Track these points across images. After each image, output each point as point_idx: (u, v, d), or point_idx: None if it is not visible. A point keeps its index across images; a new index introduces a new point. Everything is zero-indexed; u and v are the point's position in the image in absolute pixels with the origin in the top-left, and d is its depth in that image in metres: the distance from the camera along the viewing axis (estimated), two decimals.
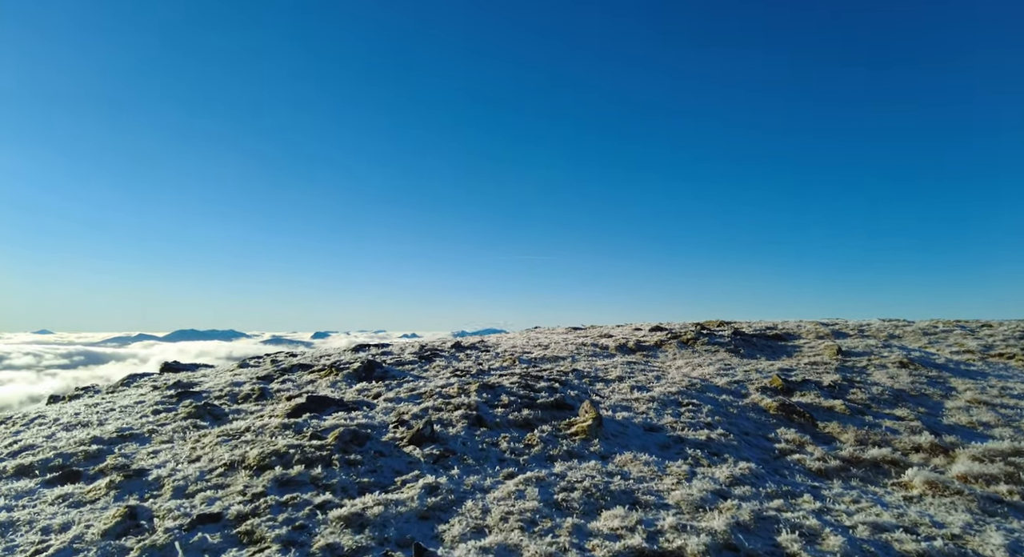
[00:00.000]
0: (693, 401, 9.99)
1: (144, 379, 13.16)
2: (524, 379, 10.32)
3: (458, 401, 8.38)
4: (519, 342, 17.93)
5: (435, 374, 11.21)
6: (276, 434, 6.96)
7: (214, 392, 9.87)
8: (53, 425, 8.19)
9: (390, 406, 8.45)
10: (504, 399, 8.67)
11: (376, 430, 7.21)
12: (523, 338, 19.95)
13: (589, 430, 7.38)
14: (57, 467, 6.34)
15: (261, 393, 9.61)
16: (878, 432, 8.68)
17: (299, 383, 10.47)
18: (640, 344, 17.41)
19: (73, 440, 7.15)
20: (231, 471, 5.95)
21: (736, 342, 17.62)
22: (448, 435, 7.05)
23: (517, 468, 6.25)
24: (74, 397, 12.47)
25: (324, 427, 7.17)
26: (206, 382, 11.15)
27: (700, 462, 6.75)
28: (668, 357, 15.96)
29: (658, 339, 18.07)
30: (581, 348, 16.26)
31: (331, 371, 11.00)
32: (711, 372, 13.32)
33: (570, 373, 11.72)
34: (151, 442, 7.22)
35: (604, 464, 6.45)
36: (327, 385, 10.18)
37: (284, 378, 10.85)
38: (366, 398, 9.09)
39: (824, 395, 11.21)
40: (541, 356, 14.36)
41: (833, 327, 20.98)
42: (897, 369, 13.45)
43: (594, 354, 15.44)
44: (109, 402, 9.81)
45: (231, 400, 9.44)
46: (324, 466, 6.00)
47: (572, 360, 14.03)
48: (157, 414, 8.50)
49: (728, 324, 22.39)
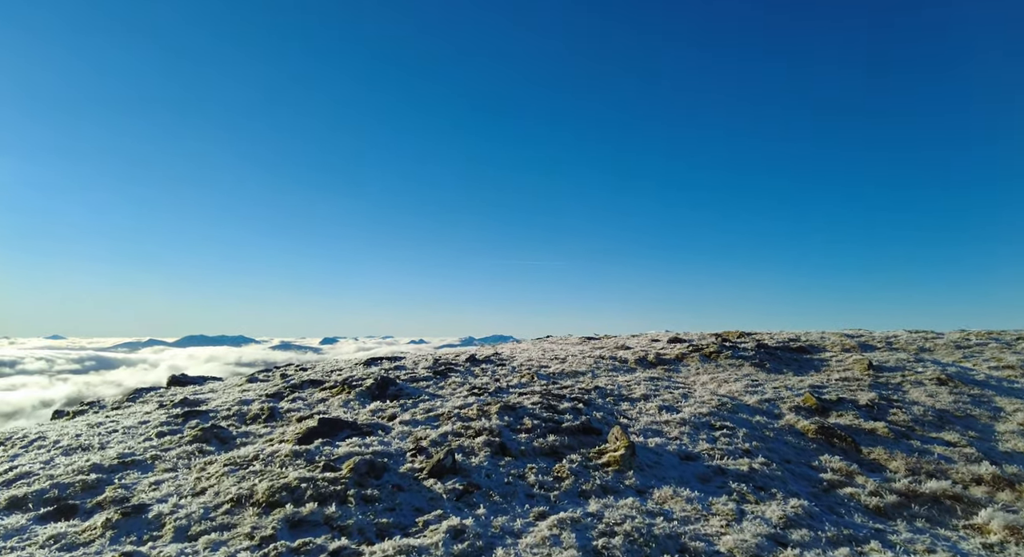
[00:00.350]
0: (726, 424, 9.41)
1: (150, 394, 12.77)
2: (545, 398, 9.78)
3: (479, 425, 7.86)
4: (534, 354, 17.40)
5: (451, 392, 10.70)
6: (286, 463, 6.48)
7: (221, 411, 9.42)
8: (52, 448, 7.76)
9: (406, 430, 7.94)
10: (527, 422, 8.14)
11: (393, 459, 6.71)
12: (537, 349, 19.40)
13: (622, 460, 6.83)
14: (52, 499, 5.89)
15: (270, 413, 9.15)
16: (930, 460, 8.05)
17: (310, 402, 10.00)
18: (660, 357, 16.80)
19: (72, 468, 6.70)
20: (238, 508, 5.47)
21: (761, 355, 16.96)
22: (470, 466, 6.53)
23: (548, 506, 5.71)
24: (79, 413, 12.09)
25: (338, 455, 6.68)
26: (213, 399, 10.71)
27: (746, 498, 6.18)
28: (691, 372, 15.35)
29: (679, 352, 17.45)
30: (600, 362, 15.70)
31: (343, 388, 10.52)
32: (739, 389, 12.71)
33: (592, 391, 11.17)
34: (154, 470, 6.76)
35: (643, 501, 5.90)
36: (339, 404, 9.70)
37: (294, 396, 10.38)
38: (381, 420, 8.60)
39: (863, 416, 10.58)
40: (560, 371, 13.82)
41: (859, 339, 20.25)
42: (935, 386, 12.77)
43: (614, 368, 14.87)
44: (113, 421, 9.39)
45: (239, 421, 8.98)
46: (339, 503, 5.50)
47: (592, 376, 13.47)
48: (162, 437, 8.05)
49: (749, 335, 21.71)
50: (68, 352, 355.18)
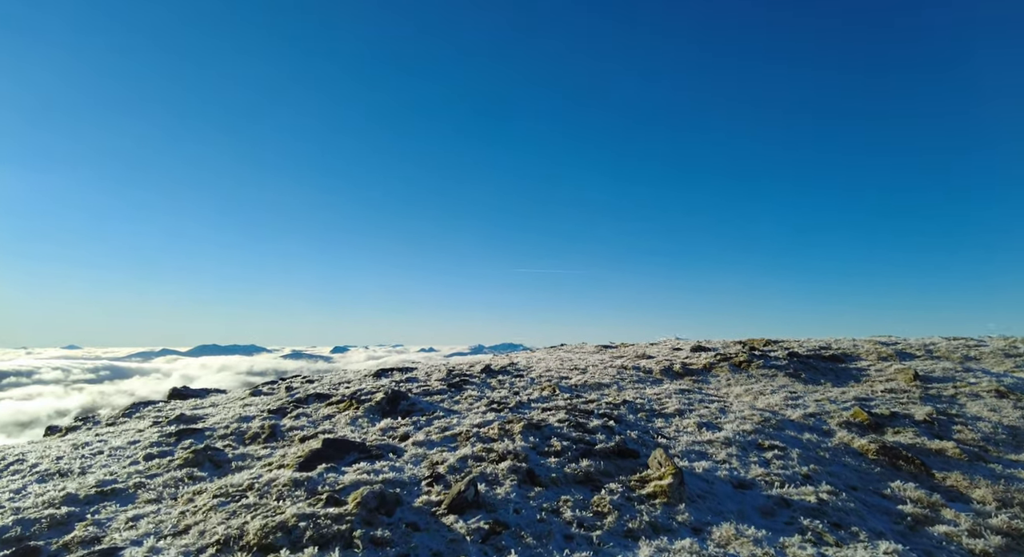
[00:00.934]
0: (775, 443, 8.43)
1: (147, 409, 12.01)
2: (572, 414, 8.87)
3: (502, 447, 6.97)
4: (552, 364, 16.46)
5: (468, 407, 9.82)
6: (284, 495, 5.62)
7: (219, 430, 8.62)
8: (28, 474, 6.98)
9: (421, 453, 7.07)
10: (555, 444, 7.24)
11: (406, 489, 5.83)
12: (554, 359, 18.45)
13: (670, 490, 5.90)
14: (13, 540, 5.08)
15: (271, 432, 8.33)
16: (1021, 489, 7.02)
17: (315, 419, 9.17)
18: (687, 367, 15.80)
19: (43, 499, 5.90)
20: (224, 553, 4.62)
21: (795, 365, 15.90)
22: (496, 498, 5.64)
23: (591, 552, 4.80)
24: (72, 429, 11.37)
25: (343, 484, 5.82)
26: (212, 415, 9.92)
27: (824, 538, 5.22)
28: (722, 383, 14.34)
29: (706, 361, 16.43)
30: (623, 372, 14.74)
31: (351, 403, 9.68)
32: (778, 402, 11.70)
33: (621, 405, 10.23)
34: (135, 501, 5.93)
35: (702, 543, 4.97)
36: (346, 422, 8.85)
37: (298, 412, 9.56)
38: (392, 440, 7.73)
39: (924, 433, 9.54)
40: (582, 383, 12.88)
41: (894, 346, 19.09)
42: (996, 399, 11.67)
43: (639, 380, 13.91)
44: (101, 441, 8.62)
45: (237, 441, 8.17)
46: (343, 547, 4.63)
47: (618, 388, 12.53)
48: (150, 460, 7.24)
49: (776, 343, 20.61)
50: (83, 362, 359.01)
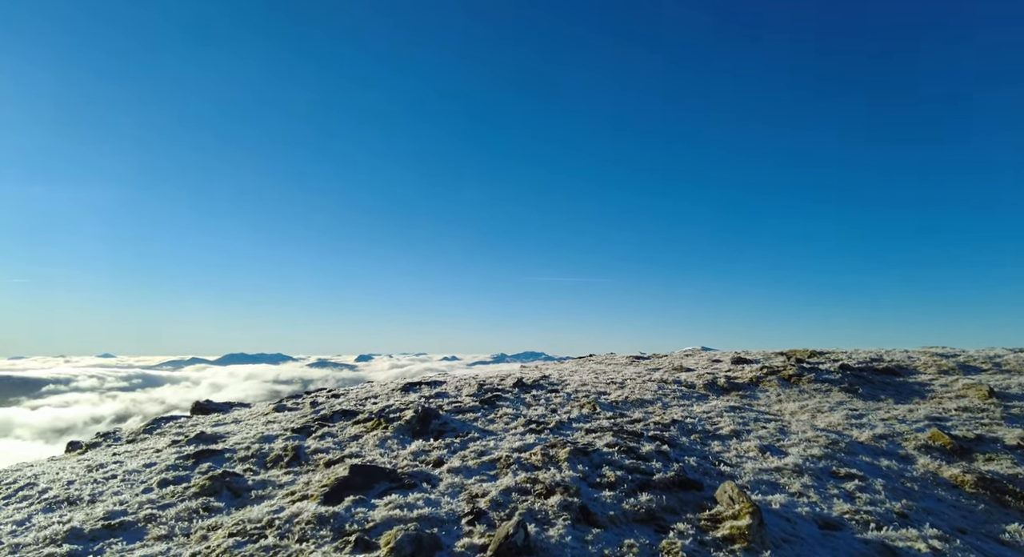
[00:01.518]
0: (852, 471, 7.47)
1: (169, 425, 11.57)
2: (620, 437, 8.04)
3: (548, 477, 6.20)
4: (586, 377, 15.60)
5: (504, 427, 9.07)
6: (307, 535, 4.94)
7: (239, 451, 8.04)
8: (36, 501, 6.46)
9: (458, 482, 6.33)
10: (608, 474, 6.43)
11: (444, 528, 5.10)
12: (587, 371, 17.58)
13: (749, 533, 5.04)
14: None
15: (295, 454, 7.71)
16: None
17: (341, 440, 8.52)
18: (732, 381, 14.78)
19: (45, 533, 5.34)
20: None
21: (849, 379, 14.74)
22: (549, 542, 4.86)
23: None
24: (93, 445, 10.97)
25: (374, 522, 5.12)
26: (233, 434, 9.36)
27: None
28: (772, 398, 13.30)
29: (752, 375, 15.37)
30: (664, 387, 13.81)
31: (379, 422, 9.02)
32: (840, 421, 10.66)
33: (671, 426, 9.35)
34: (144, 537, 5.33)
35: None
36: (374, 443, 8.18)
37: (323, 431, 8.93)
38: (425, 466, 7.02)
39: (1022, 461, 8.42)
40: (623, 399, 12.01)
41: (954, 358, 17.68)
42: None
43: (683, 396, 12.96)
44: (117, 463, 8.12)
45: (258, 464, 7.56)
46: None
47: (663, 406, 11.62)
48: (164, 487, 6.67)
49: (821, 354, 19.37)
50: (117, 370, 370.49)
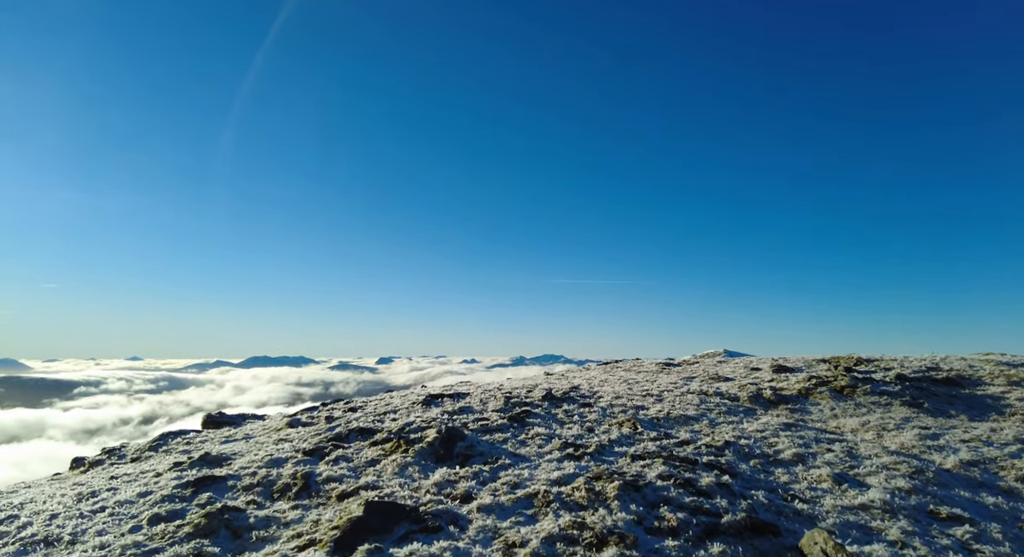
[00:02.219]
0: (954, 511, 6.34)
1: (176, 441, 10.88)
2: (672, 465, 7.03)
3: (597, 521, 5.22)
4: (618, 388, 14.55)
5: (538, 450, 8.10)
6: None
7: (244, 477, 7.23)
8: (12, 540, 5.70)
9: (490, 526, 5.39)
10: (667, 516, 5.42)
11: None
12: (618, 380, 16.51)
13: None
14: None
15: (304, 483, 6.86)
16: None
17: (356, 465, 7.65)
18: (779, 393, 13.59)
19: None
20: None
21: (910, 391, 13.44)
22: None
23: None
24: (96, 463, 10.33)
25: None
26: (240, 456, 8.58)
27: None
28: (826, 413, 12.10)
29: (800, 386, 14.14)
30: (705, 400, 12.70)
31: (398, 444, 8.14)
32: (913, 442, 9.46)
33: (725, 449, 8.29)
34: None
35: None
36: (393, 470, 7.29)
37: (337, 454, 8.08)
38: (451, 502, 6.09)
39: None
40: (664, 415, 10.95)
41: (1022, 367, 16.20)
42: None
43: (728, 410, 11.84)
44: (111, 490, 7.38)
45: (263, 494, 6.73)
46: None
47: (709, 423, 10.52)
48: (155, 524, 5.86)
49: (869, 362, 17.99)
50: (145, 373, 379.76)
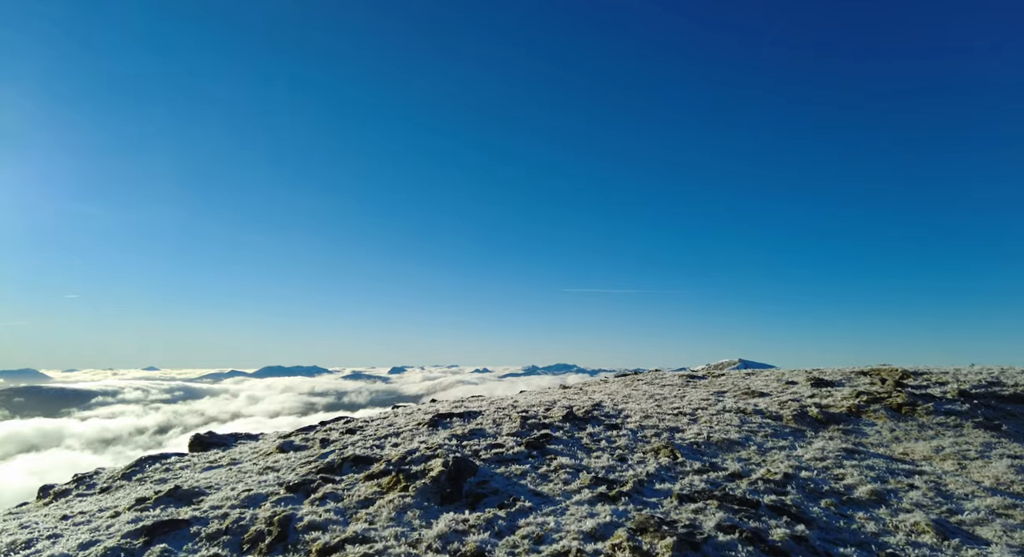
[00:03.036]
0: None
1: (154, 467, 9.72)
2: (729, 508, 5.69)
3: None
4: (646, 405, 13.17)
5: (564, 487, 6.79)
6: None
7: (211, 522, 6.02)
8: None
9: None
10: None
11: None
12: (643, 396, 15.12)
13: None
14: None
15: (281, 531, 5.63)
16: None
17: (346, 505, 6.40)
18: (825, 411, 12.12)
19: None
20: None
21: (982, 411, 11.91)
22: None
23: None
24: (63, 493, 9.21)
25: None
26: (216, 490, 7.37)
27: None
28: (885, 435, 10.63)
29: (849, 403, 12.66)
30: (745, 419, 11.29)
31: (397, 479, 6.88)
32: (1008, 476, 8.02)
33: (787, 484, 6.91)
34: None
35: None
36: (390, 514, 6.02)
37: (326, 491, 6.84)
38: None
39: None
40: (703, 439, 9.57)
41: None
42: None
43: (775, 432, 10.42)
44: (53, 537, 6.20)
45: (230, 548, 5.50)
46: None
47: (758, 449, 9.12)
48: None
49: (918, 375, 16.39)
50: (160, 382, 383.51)
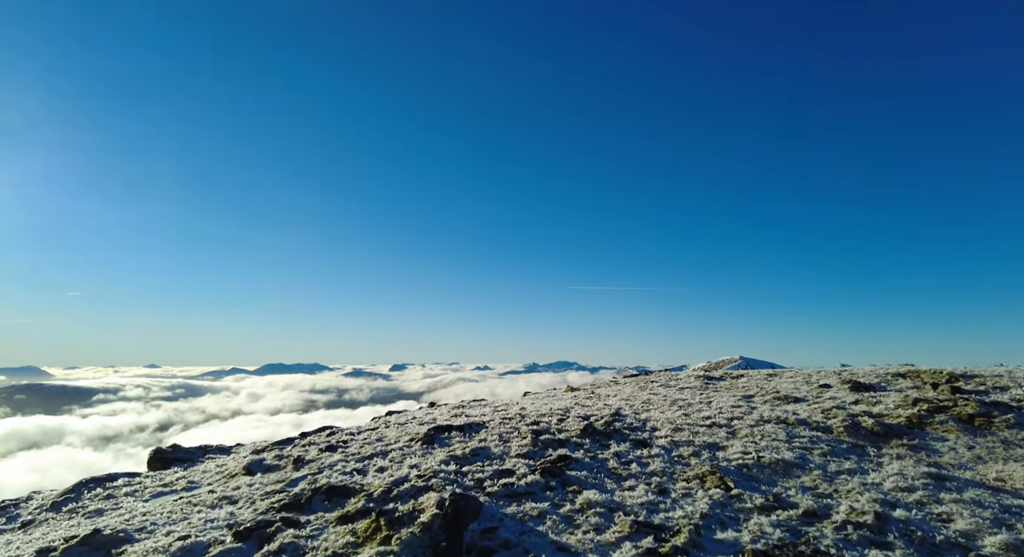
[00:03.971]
0: None
1: (95, 492, 8.16)
2: None
3: None
4: (669, 413, 11.55)
5: (595, 536, 5.19)
6: None
7: None
8: None
9: None
10: None
11: None
12: (663, 401, 13.48)
13: None
14: None
15: None
16: None
17: None
18: (881, 421, 10.50)
19: None
20: None
21: None
22: None
23: None
24: None
25: None
26: (145, 535, 5.78)
27: None
28: (963, 453, 9.01)
29: (907, 412, 11.04)
30: (789, 431, 9.68)
31: (378, 524, 5.29)
32: None
33: (886, 531, 5.32)
34: None
35: None
36: None
37: (283, 539, 5.25)
38: None
39: None
40: (751, 459, 7.97)
41: None
42: None
43: (832, 449, 8.81)
44: None
45: None
46: None
47: (822, 473, 7.52)
48: None
49: (968, 377, 14.70)
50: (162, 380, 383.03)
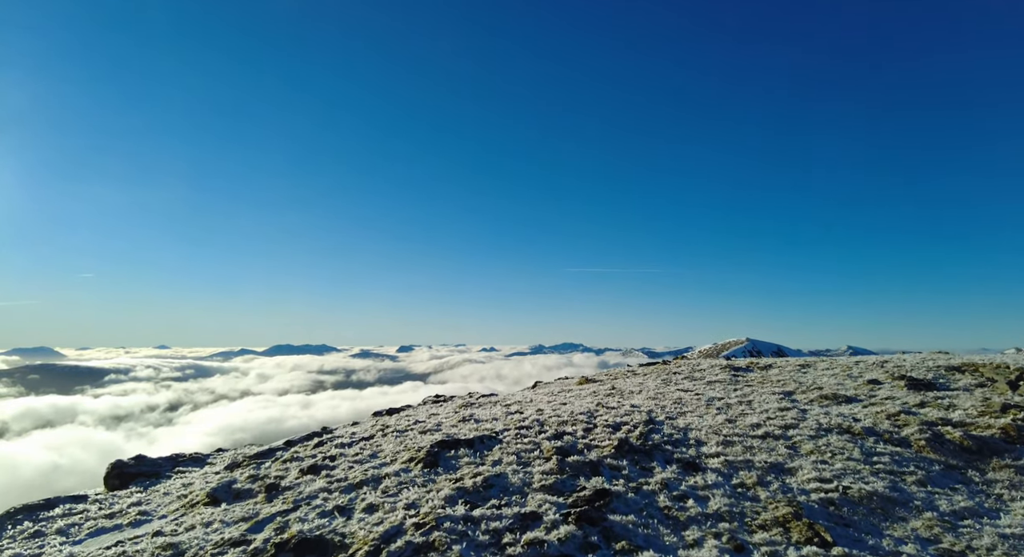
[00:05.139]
0: None
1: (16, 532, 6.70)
2: None
3: None
4: (711, 420, 9.93)
5: None
6: None
7: None
8: None
9: None
10: None
11: None
12: (696, 400, 11.87)
13: None
14: None
15: None
16: None
17: None
18: (970, 434, 8.82)
19: None
20: None
21: None
22: None
23: None
24: None
25: None
26: None
27: None
28: None
29: (1002, 422, 9.33)
30: (862, 445, 8.07)
31: None
32: None
33: None
34: None
35: None
36: None
37: None
38: None
39: None
40: (835, 490, 6.34)
41: None
42: None
43: (927, 474, 7.17)
44: None
45: None
46: None
47: (935, 513, 5.87)
48: None
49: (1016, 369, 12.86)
50: (172, 361, 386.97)
